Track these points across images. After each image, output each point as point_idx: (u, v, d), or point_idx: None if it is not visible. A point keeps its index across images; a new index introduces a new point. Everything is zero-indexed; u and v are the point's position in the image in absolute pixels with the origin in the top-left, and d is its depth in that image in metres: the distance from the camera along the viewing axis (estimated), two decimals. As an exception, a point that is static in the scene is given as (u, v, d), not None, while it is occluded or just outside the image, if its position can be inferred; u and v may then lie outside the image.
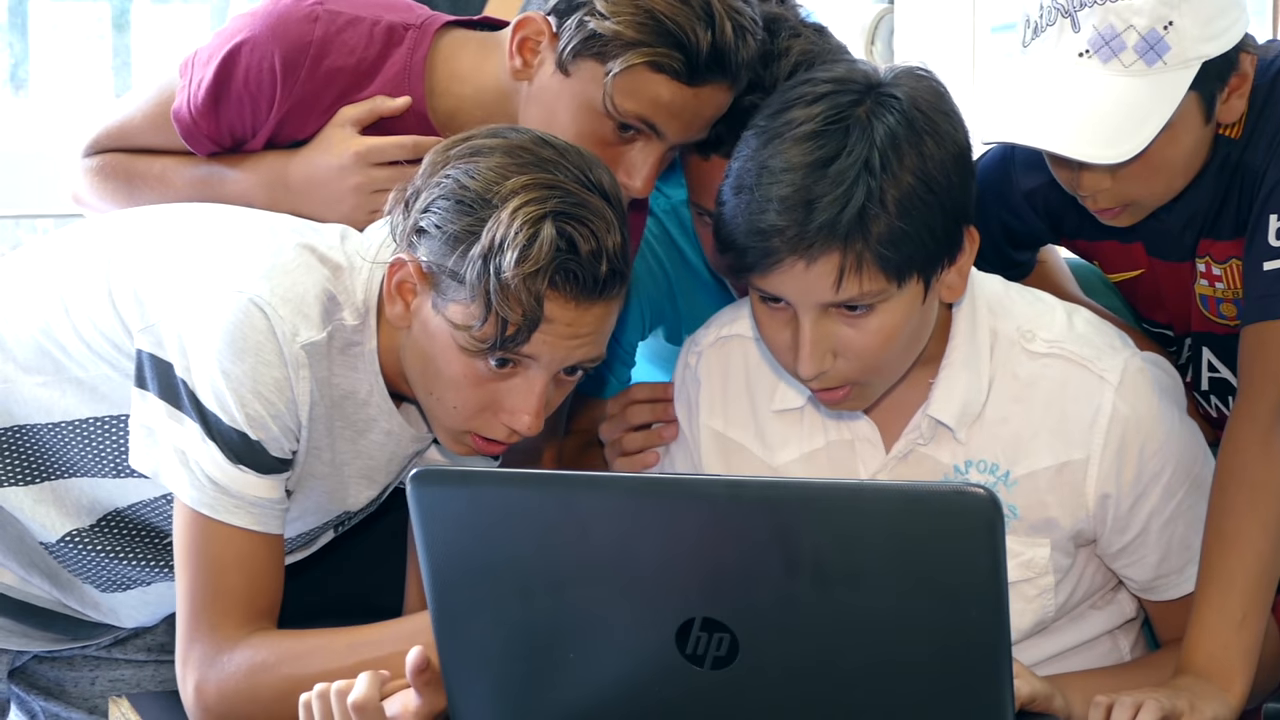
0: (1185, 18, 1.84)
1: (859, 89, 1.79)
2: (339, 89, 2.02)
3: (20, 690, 2.15)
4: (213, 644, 1.78)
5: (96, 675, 2.15)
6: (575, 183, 1.73)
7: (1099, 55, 1.85)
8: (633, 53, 1.86)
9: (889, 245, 1.75)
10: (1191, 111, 1.89)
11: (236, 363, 1.75)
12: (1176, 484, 1.92)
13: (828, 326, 1.79)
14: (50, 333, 1.89)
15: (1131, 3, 1.84)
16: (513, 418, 1.78)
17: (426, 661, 1.64)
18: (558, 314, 1.73)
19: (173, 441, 1.79)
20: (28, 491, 1.92)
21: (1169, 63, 1.84)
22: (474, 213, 1.73)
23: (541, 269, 1.70)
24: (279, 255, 1.81)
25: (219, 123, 2.03)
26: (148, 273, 1.85)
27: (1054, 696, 1.78)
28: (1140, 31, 1.84)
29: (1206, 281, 2.03)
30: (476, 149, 1.76)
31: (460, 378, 1.77)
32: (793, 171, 1.75)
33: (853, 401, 1.87)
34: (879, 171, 1.74)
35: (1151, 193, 1.95)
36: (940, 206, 1.77)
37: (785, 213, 1.75)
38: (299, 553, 2.01)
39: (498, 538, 1.54)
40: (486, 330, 1.73)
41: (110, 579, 1.97)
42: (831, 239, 1.74)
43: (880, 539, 1.44)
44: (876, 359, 1.81)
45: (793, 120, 1.78)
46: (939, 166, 1.77)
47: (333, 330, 1.80)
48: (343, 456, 1.88)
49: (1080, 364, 1.91)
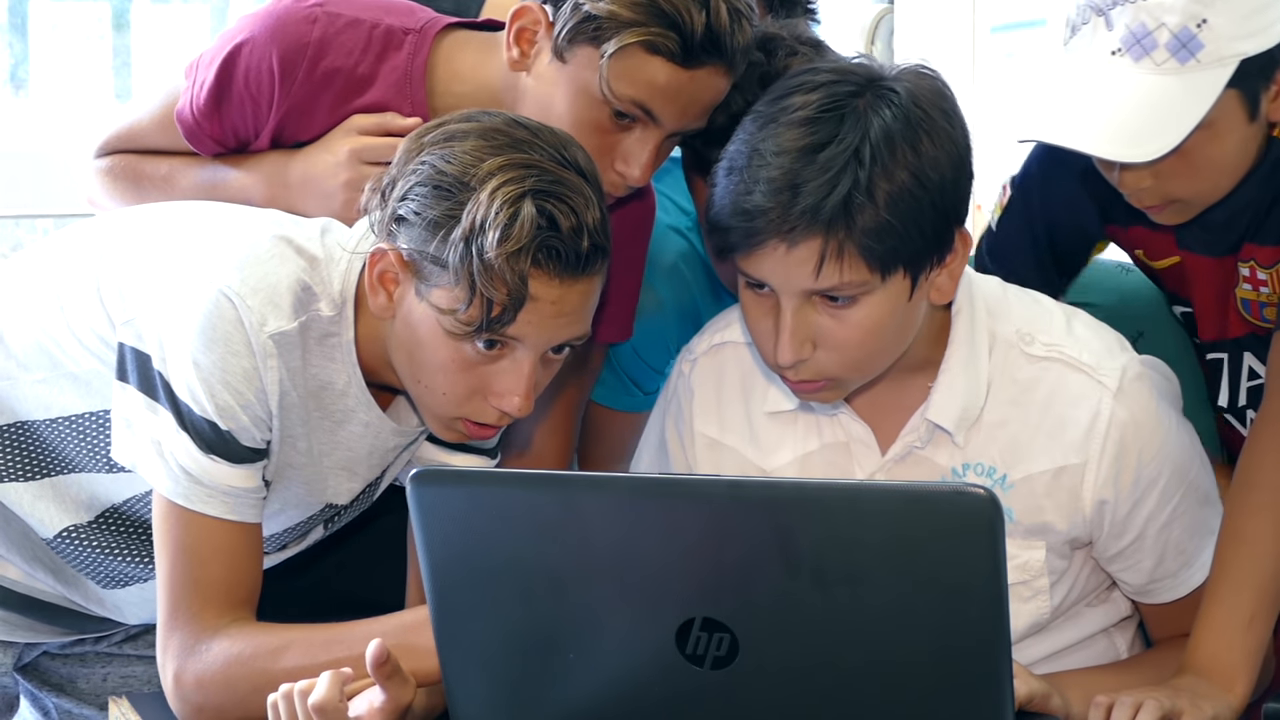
0: (1220, 15, 1.82)
1: (860, 81, 1.79)
2: (337, 90, 2.02)
3: (33, 686, 2.16)
4: (191, 633, 1.79)
5: (109, 671, 2.16)
6: (552, 161, 1.74)
7: (1131, 54, 1.84)
8: (627, 33, 1.87)
9: (873, 236, 1.74)
10: (1233, 109, 1.87)
11: (206, 353, 1.77)
12: (1173, 489, 1.92)
13: (809, 315, 1.79)
14: (47, 330, 1.90)
15: (1163, 1, 1.83)
16: (502, 400, 1.79)
17: (387, 654, 1.64)
18: (542, 292, 1.73)
19: (149, 433, 1.80)
20: (28, 487, 1.93)
21: (1203, 61, 1.82)
22: (453, 196, 1.73)
23: (524, 247, 1.70)
24: (253, 246, 1.81)
25: (222, 124, 2.05)
26: (131, 267, 1.86)
27: (1051, 696, 1.78)
28: (1172, 29, 1.83)
29: (1250, 286, 2.02)
30: (451, 134, 1.77)
31: (448, 363, 1.78)
32: (783, 155, 1.75)
33: (827, 394, 1.86)
34: (869, 163, 1.74)
35: (1196, 191, 1.93)
36: (932, 204, 1.77)
37: (770, 195, 1.75)
38: (291, 548, 2.01)
39: (498, 538, 1.54)
40: (472, 313, 1.73)
41: (109, 575, 1.98)
42: (814, 224, 1.74)
43: (880, 539, 1.44)
44: (856, 353, 1.81)
45: (790, 106, 1.78)
46: (933, 164, 1.77)
47: (307, 321, 1.81)
48: (322, 447, 1.89)
49: (1079, 368, 1.90)
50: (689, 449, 2.03)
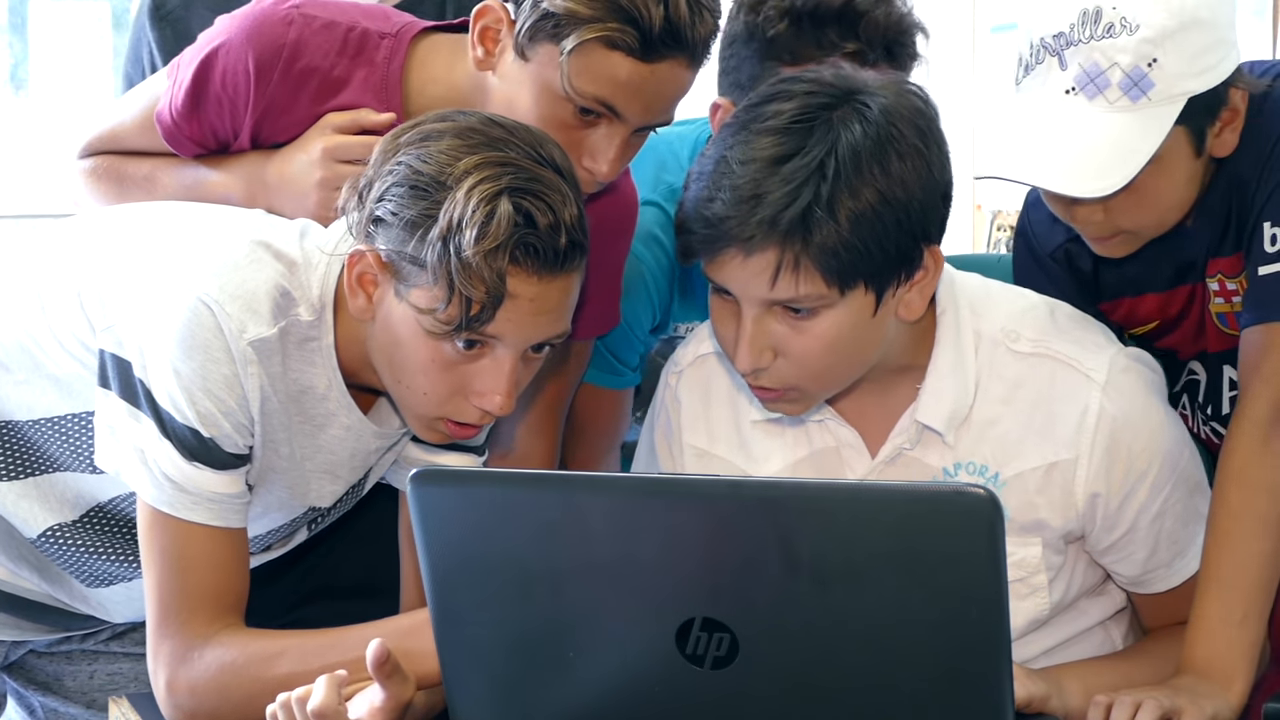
0: (1170, 55, 1.88)
1: (837, 93, 1.78)
2: (312, 91, 2.03)
3: (18, 685, 2.16)
4: (182, 641, 1.79)
5: (95, 669, 2.15)
6: (527, 159, 1.74)
7: (1085, 92, 1.90)
8: (586, 29, 1.86)
9: (829, 252, 1.74)
10: (1181, 145, 1.92)
11: (186, 360, 1.76)
12: (1163, 479, 1.93)
13: (769, 324, 1.79)
14: (29, 331, 1.90)
15: (1116, 41, 1.88)
16: (484, 399, 1.79)
17: (388, 654, 1.64)
18: (521, 289, 1.73)
19: (132, 440, 1.80)
20: (11, 486, 1.93)
21: (1154, 99, 1.88)
22: (429, 196, 1.73)
23: (501, 245, 1.70)
24: (231, 253, 1.81)
25: (200, 125, 2.06)
26: (110, 272, 1.86)
27: (1050, 698, 1.79)
28: (1124, 69, 1.88)
29: (1223, 299, 2.06)
30: (426, 134, 1.77)
31: (428, 363, 1.77)
32: (749, 164, 1.75)
33: (789, 405, 1.87)
34: (831, 177, 1.74)
35: (1144, 224, 1.98)
36: (897, 223, 1.76)
37: (731, 204, 1.75)
38: (275, 549, 2.02)
39: (498, 538, 1.54)
40: (451, 312, 1.73)
41: (93, 574, 1.98)
42: (770, 235, 1.74)
43: (880, 539, 1.44)
44: (815, 365, 1.81)
45: (764, 114, 1.78)
46: (901, 184, 1.76)
47: (286, 326, 1.81)
48: (304, 451, 1.89)
49: (1066, 363, 1.91)
50: (679, 460, 2.03)
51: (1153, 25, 1.87)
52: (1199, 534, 1.95)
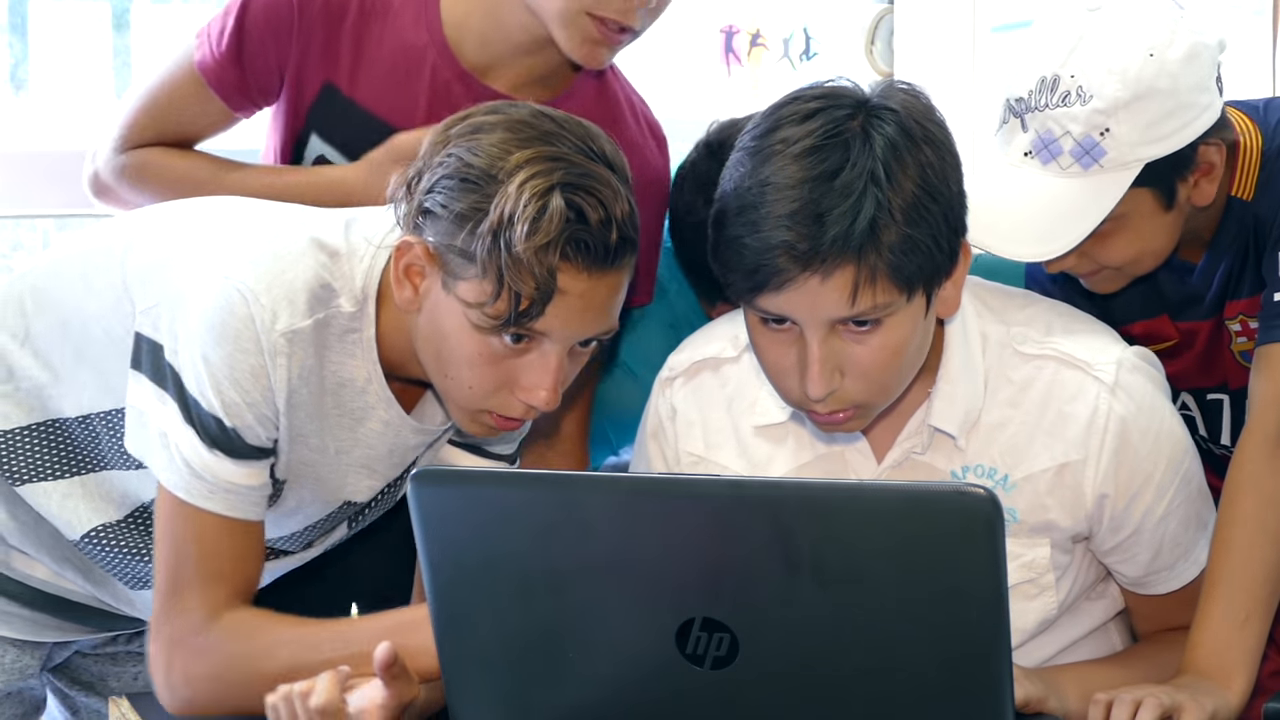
0: (1123, 125, 1.92)
1: (851, 104, 1.76)
2: (354, 16, 2.11)
3: (63, 685, 2.16)
4: (183, 627, 1.79)
5: (139, 670, 2.15)
6: (579, 153, 1.73)
7: (1039, 157, 1.95)
8: None
9: (901, 255, 1.72)
10: (1144, 203, 1.97)
11: (216, 348, 1.76)
12: (1168, 481, 1.93)
13: (834, 344, 1.76)
14: (81, 326, 1.90)
15: (1069, 110, 1.92)
16: (530, 394, 1.78)
17: (395, 656, 1.64)
18: (571, 285, 1.72)
19: (158, 424, 1.80)
20: (56, 486, 1.93)
21: (1106, 166, 1.93)
22: (480, 189, 1.72)
23: (553, 240, 1.70)
24: (273, 243, 1.81)
25: (243, 70, 2.12)
26: (154, 261, 1.86)
27: (1048, 699, 1.79)
28: (1076, 138, 1.92)
29: (1245, 338, 2.09)
30: (477, 126, 1.76)
31: (475, 357, 1.77)
32: (797, 187, 1.71)
33: (853, 424, 1.83)
34: (884, 182, 1.71)
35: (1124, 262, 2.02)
36: (943, 215, 1.75)
37: (795, 228, 1.70)
38: (317, 545, 2.01)
39: (498, 538, 1.54)
40: (500, 306, 1.72)
41: (136, 576, 1.98)
42: (845, 251, 1.70)
43: (880, 539, 1.44)
44: (883, 376, 1.78)
45: (787, 138, 1.74)
46: (939, 175, 1.75)
47: (325, 318, 1.80)
48: (340, 445, 1.88)
49: (1073, 364, 1.91)
50: (675, 468, 2.02)
51: (1105, 97, 1.91)
52: (1201, 537, 1.96)
